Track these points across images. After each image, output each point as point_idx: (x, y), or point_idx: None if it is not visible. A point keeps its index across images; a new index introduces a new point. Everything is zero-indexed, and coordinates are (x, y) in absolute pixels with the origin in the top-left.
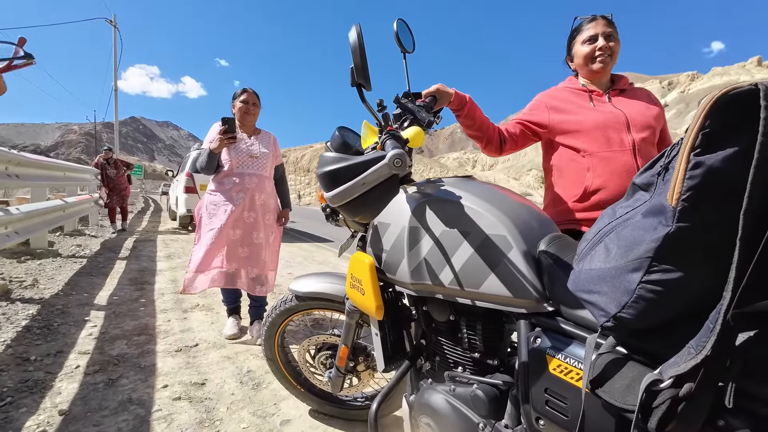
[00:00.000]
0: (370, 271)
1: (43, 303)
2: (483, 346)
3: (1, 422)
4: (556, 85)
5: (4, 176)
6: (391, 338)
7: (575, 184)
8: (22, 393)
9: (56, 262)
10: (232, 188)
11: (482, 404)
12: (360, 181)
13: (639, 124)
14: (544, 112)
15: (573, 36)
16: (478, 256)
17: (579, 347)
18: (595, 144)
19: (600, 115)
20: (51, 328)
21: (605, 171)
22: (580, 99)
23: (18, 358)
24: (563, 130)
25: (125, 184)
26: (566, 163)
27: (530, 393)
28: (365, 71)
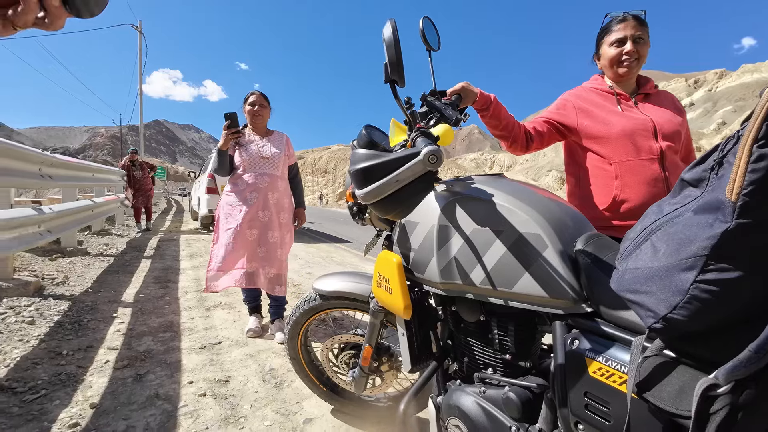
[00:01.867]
0: (398, 270)
1: (74, 299)
2: (515, 348)
3: (37, 414)
4: (582, 84)
5: (37, 177)
6: (417, 338)
7: (603, 192)
8: (56, 386)
9: (85, 260)
10: (246, 188)
11: (515, 407)
12: (393, 178)
13: (666, 131)
14: (572, 113)
15: (602, 35)
16: (512, 255)
17: (622, 350)
18: (623, 151)
19: (628, 122)
20: (81, 324)
21: (633, 180)
22: (607, 102)
23: (51, 352)
24: (591, 135)
25: (150, 185)
26: (593, 169)
27: (568, 396)
28: (400, 67)
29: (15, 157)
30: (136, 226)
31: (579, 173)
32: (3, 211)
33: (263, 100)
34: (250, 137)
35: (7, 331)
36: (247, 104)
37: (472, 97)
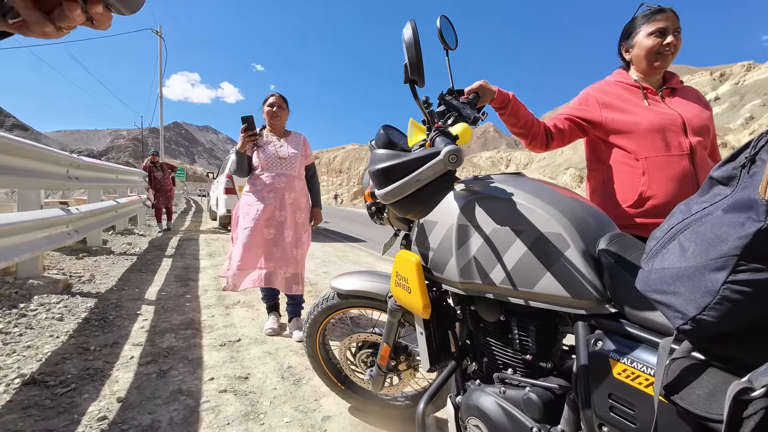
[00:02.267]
0: (416, 270)
1: (100, 297)
2: (536, 348)
3: (67, 406)
4: (605, 79)
5: (65, 178)
6: (436, 338)
7: (629, 189)
8: (84, 380)
9: (110, 259)
10: (263, 188)
11: (536, 408)
12: (414, 177)
13: (696, 126)
14: (595, 108)
15: (636, 25)
16: (533, 254)
17: (648, 351)
18: (652, 147)
19: (656, 116)
20: (107, 321)
21: (661, 176)
22: (633, 96)
23: (79, 348)
24: (617, 130)
25: (170, 186)
26: (618, 165)
27: (592, 398)
28: (420, 68)
29: (45, 159)
30: (157, 226)
31: (602, 170)
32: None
33: (282, 102)
34: (267, 138)
35: (38, 327)
36: (266, 105)
37: (490, 96)
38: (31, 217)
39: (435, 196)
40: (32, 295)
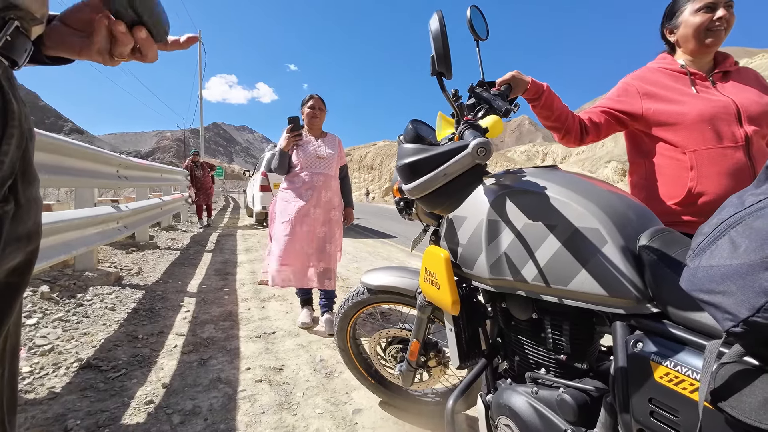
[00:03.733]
0: (445, 266)
1: (147, 289)
2: (570, 348)
3: (119, 390)
4: (647, 65)
5: (115, 178)
6: (465, 334)
7: (675, 185)
8: (133, 366)
9: (156, 253)
10: (302, 186)
11: (570, 410)
12: (441, 171)
13: (753, 114)
14: (636, 99)
15: (679, 2)
16: (567, 250)
17: (693, 355)
18: (701, 139)
19: (706, 105)
20: (153, 311)
21: (712, 171)
22: (679, 83)
23: (129, 336)
24: (661, 122)
25: (210, 184)
26: (662, 159)
27: (631, 402)
28: (447, 59)
29: (98, 160)
30: (198, 222)
31: (645, 164)
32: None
33: (321, 104)
34: (306, 138)
35: (93, 316)
36: (307, 107)
37: (522, 87)
38: (86, 214)
39: (463, 191)
40: (88, 286)
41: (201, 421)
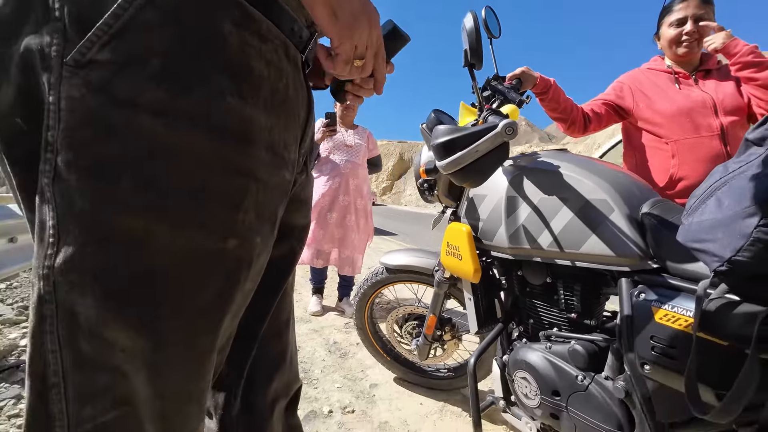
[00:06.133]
0: (468, 238)
1: None
2: (580, 307)
3: None
4: (640, 66)
5: None
6: (483, 303)
7: (660, 171)
8: None
9: None
10: (330, 172)
11: (581, 358)
12: (474, 148)
13: (728, 106)
14: (628, 96)
15: (663, 14)
16: (579, 219)
17: (687, 298)
18: (680, 130)
19: (685, 100)
20: None
21: (690, 158)
22: (665, 82)
23: None
24: (646, 117)
25: None
26: (649, 150)
27: (635, 342)
28: (479, 53)
29: None
30: None
31: (636, 155)
32: None
33: None
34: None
35: None
36: None
37: (531, 81)
38: None
39: (492, 166)
40: None
41: None
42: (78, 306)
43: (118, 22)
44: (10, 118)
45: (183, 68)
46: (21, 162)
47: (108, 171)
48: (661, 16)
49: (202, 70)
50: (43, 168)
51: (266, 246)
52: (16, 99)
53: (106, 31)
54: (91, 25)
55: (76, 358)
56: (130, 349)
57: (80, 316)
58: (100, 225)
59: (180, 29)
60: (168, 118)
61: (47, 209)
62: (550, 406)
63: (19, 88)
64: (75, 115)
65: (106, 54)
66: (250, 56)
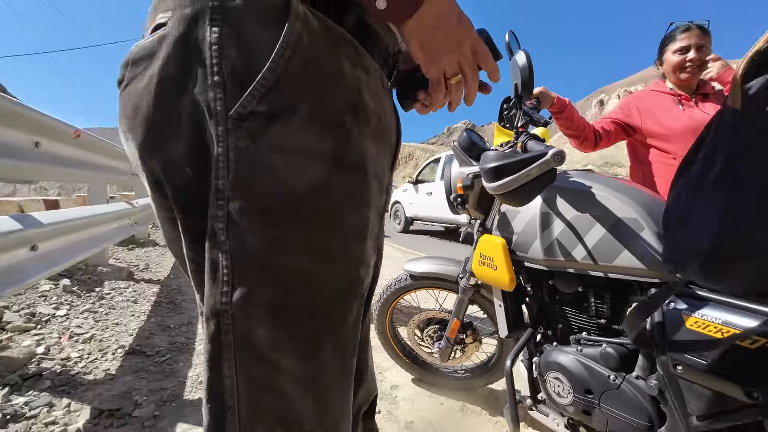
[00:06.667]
0: (503, 250)
1: (161, 283)
2: (610, 313)
3: (170, 372)
4: (645, 89)
5: (129, 174)
6: (512, 309)
7: (667, 184)
8: (175, 351)
9: (157, 250)
10: None
11: (613, 359)
12: (524, 173)
13: None
14: (636, 114)
15: (665, 42)
16: (611, 235)
17: (714, 308)
18: (686, 147)
19: (690, 120)
20: (176, 304)
21: None
22: (669, 103)
23: (160, 326)
24: (654, 134)
25: None
26: (657, 164)
27: (668, 345)
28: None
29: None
30: None
31: (643, 169)
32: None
33: None
34: None
35: (119, 308)
36: None
37: (549, 101)
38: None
39: (539, 189)
40: (103, 280)
41: None
42: (253, 336)
43: (273, 75)
44: (182, 167)
45: (324, 112)
46: (189, 207)
47: (275, 214)
48: (664, 44)
49: (337, 112)
50: (215, 213)
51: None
52: (187, 151)
53: (264, 85)
54: (248, 80)
55: (250, 381)
56: (296, 373)
57: (254, 345)
58: (271, 265)
59: (318, 75)
60: (318, 160)
61: (220, 251)
62: (583, 403)
63: (189, 140)
64: (242, 164)
65: (264, 105)
66: (363, 92)
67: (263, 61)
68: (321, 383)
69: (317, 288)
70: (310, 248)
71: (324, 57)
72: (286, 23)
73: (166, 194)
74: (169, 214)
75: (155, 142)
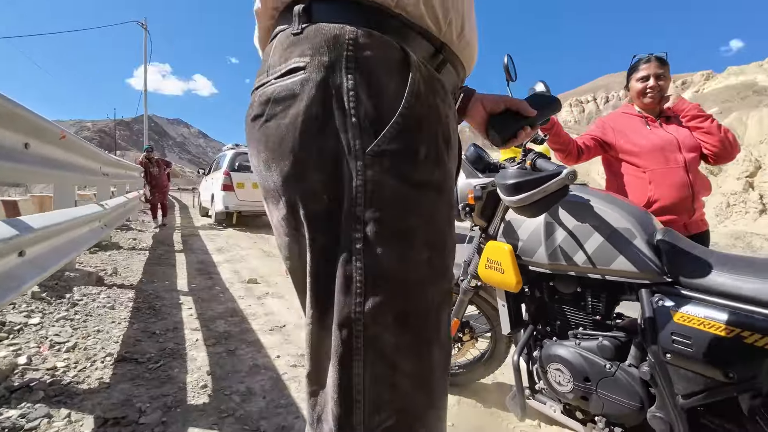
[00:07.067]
0: (510, 255)
1: (136, 289)
2: (604, 310)
3: (166, 378)
4: (615, 111)
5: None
6: (514, 308)
7: (639, 195)
8: (167, 357)
9: (122, 253)
10: None
11: (608, 350)
12: (541, 190)
13: (688, 145)
14: (610, 133)
15: (631, 72)
16: (608, 243)
17: (697, 305)
18: (655, 162)
19: (657, 138)
20: (156, 309)
21: (664, 184)
22: (637, 124)
23: (146, 332)
24: (626, 150)
25: (166, 182)
26: (629, 177)
27: (658, 336)
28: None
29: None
30: (152, 222)
31: (617, 181)
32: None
33: None
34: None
35: (96, 315)
36: None
37: None
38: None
39: (552, 203)
40: (71, 286)
41: (261, 399)
42: (379, 340)
43: (403, 119)
44: (321, 195)
45: (434, 150)
46: (321, 229)
47: (404, 236)
48: (630, 73)
49: (439, 148)
50: (353, 236)
51: None
52: (325, 181)
53: (396, 128)
54: (378, 121)
55: (373, 378)
56: (412, 371)
57: (380, 348)
58: (400, 279)
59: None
60: (432, 190)
61: (354, 267)
62: (582, 390)
63: (327, 172)
64: (376, 194)
65: (394, 145)
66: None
67: (391, 105)
68: (431, 380)
69: (431, 300)
70: (430, 265)
71: (431, 101)
72: (408, 73)
73: (298, 215)
74: (294, 232)
75: (299, 173)
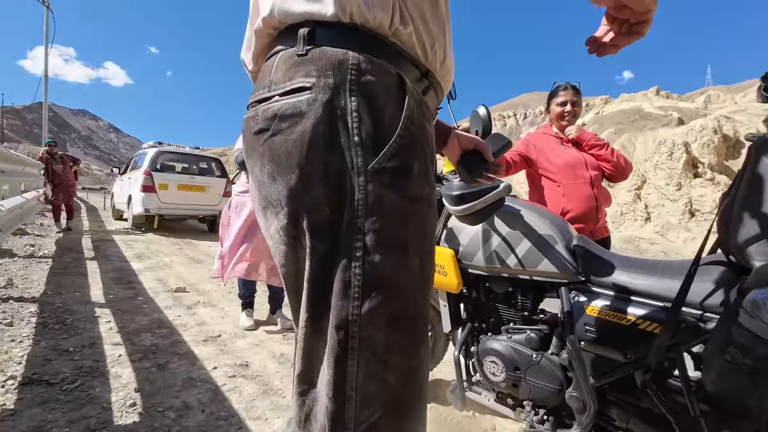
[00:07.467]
0: (452, 260)
1: (39, 302)
2: (531, 307)
3: (87, 399)
4: (537, 130)
5: None
6: (454, 308)
7: (554, 205)
8: (85, 376)
9: (18, 262)
10: None
11: (535, 341)
12: (482, 201)
13: (592, 165)
14: (532, 150)
15: (551, 96)
16: (535, 247)
17: (604, 299)
18: (567, 177)
19: (569, 157)
20: (66, 324)
21: (574, 197)
22: (554, 143)
23: (56, 350)
24: (545, 167)
25: (72, 181)
26: (546, 190)
27: (575, 327)
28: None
29: None
30: (55, 225)
31: (537, 193)
32: None
33: None
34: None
35: None
36: None
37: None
38: None
39: (491, 212)
40: None
41: (199, 413)
42: (373, 339)
43: (401, 140)
44: (323, 207)
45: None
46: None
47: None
48: (550, 98)
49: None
50: (354, 245)
51: None
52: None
53: (395, 147)
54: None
55: (365, 375)
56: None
57: (373, 347)
58: (396, 284)
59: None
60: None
61: (353, 273)
62: (513, 378)
63: (330, 186)
64: (377, 207)
65: (393, 163)
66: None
67: (390, 126)
68: (418, 376)
69: (420, 302)
70: (420, 271)
71: (422, 122)
72: (403, 96)
73: (299, 225)
74: (293, 241)
75: (305, 186)
